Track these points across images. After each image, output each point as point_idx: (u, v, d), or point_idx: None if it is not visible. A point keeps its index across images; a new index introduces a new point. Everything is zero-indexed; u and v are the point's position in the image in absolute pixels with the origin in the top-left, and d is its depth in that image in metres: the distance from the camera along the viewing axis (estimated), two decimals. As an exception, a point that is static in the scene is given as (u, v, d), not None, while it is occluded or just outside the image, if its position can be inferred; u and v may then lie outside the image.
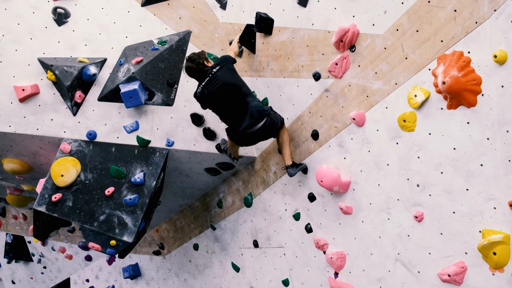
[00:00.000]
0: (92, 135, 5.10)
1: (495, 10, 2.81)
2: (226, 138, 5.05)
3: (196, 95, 4.52)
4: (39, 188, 4.93)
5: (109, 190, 4.96)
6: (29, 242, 10.66)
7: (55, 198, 4.81)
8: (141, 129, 5.17)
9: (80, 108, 5.09)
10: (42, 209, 4.82)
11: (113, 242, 4.91)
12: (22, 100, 4.97)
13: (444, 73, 3.07)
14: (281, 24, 4.52)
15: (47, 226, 5.19)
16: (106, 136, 5.14)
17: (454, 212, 3.28)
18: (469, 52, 3.00)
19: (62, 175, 4.86)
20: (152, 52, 5.08)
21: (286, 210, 5.08)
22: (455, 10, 3.03)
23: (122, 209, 4.95)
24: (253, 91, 5.16)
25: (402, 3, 3.37)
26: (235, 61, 4.48)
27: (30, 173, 6.14)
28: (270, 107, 4.51)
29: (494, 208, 3.01)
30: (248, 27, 4.89)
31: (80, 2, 5.09)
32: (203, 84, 4.40)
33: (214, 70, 4.34)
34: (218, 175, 6.00)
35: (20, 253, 10.87)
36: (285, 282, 5.26)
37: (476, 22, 2.93)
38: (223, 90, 4.31)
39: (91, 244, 4.98)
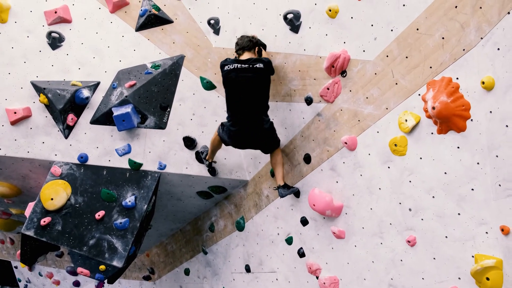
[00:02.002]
0: (83, 158, 5.06)
1: (481, 38, 2.88)
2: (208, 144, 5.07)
3: (222, 69, 4.33)
4: (28, 212, 4.85)
5: (100, 213, 4.90)
6: (16, 267, 10.40)
7: (44, 222, 4.74)
8: (133, 152, 5.16)
9: (72, 131, 5.08)
10: (31, 233, 4.73)
11: (102, 267, 4.82)
12: (13, 123, 4.95)
13: (434, 98, 3.12)
14: (273, 50, 4.59)
15: (35, 250, 5.09)
16: (98, 159, 5.11)
17: (446, 237, 3.27)
18: (457, 78, 3.06)
19: (52, 199, 4.80)
20: (146, 75, 5.12)
21: (278, 234, 5.04)
22: (443, 38, 3.11)
23: (112, 233, 4.87)
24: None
25: (392, 30, 3.45)
26: (273, 73, 4.39)
27: (19, 196, 6.06)
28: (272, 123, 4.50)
29: (486, 232, 3.02)
30: (241, 52, 4.96)
31: (74, 27, 5.15)
32: (235, 67, 4.21)
33: (257, 65, 4.17)
34: (210, 199, 5.96)
35: (5, 279, 10.59)
36: (278, 308, 5.17)
37: (464, 49, 3.00)
38: (252, 85, 4.18)
39: (79, 269, 4.88)
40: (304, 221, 4.63)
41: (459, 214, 3.17)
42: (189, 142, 5.27)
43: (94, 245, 4.82)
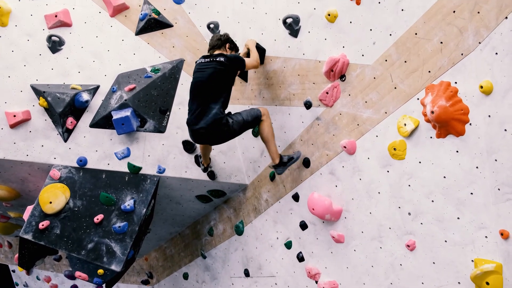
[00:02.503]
0: (82, 162, 5.06)
1: (479, 43, 2.90)
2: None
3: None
4: (26, 215, 4.84)
5: (98, 217, 4.89)
6: (13, 271, 10.35)
7: (43, 225, 4.72)
8: (132, 156, 5.16)
9: (71, 134, 5.08)
10: (29, 237, 4.72)
11: (100, 271, 4.81)
12: (13, 126, 4.95)
13: (433, 102, 3.13)
14: (272, 54, 4.61)
15: (33, 254, 5.07)
16: (97, 162, 5.11)
17: (446, 241, 3.27)
18: (456, 83, 3.07)
19: (50, 202, 4.79)
20: (145, 79, 5.13)
21: (277, 238, 5.03)
22: (441, 42, 3.12)
23: (111, 237, 4.86)
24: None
25: (390, 34, 3.47)
26: (243, 69, 4.31)
27: (17, 199, 6.04)
28: (236, 113, 4.31)
29: (486, 237, 3.02)
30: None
31: (74, 30, 5.16)
32: (200, 61, 4.26)
33: (219, 59, 4.14)
34: (209, 203, 5.95)
35: (3, 283, 10.54)
36: (277, 313, 5.15)
37: (462, 54, 3.01)
38: (207, 76, 4.11)
39: (77, 273, 4.87)
40: (303, 225, 4.62)
41: (458, 218, 3.17)
42: (189, 146, 5.27)
43: (93, 249, 4.80)
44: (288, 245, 4.87)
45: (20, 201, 6.10)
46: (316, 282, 4.48)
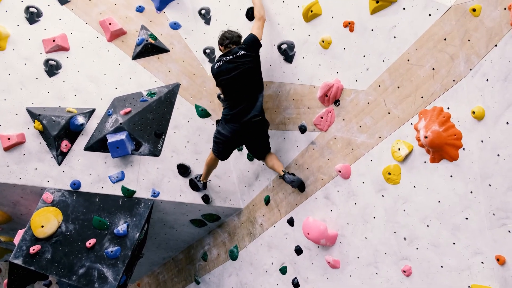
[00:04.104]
0: (76, 185, 5.02)
1: (470, 69, 2.96)
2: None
3: (212, 69, 4.37)
4: (17, 240, 4.76)
5: (91, 242, 4.82)
6: (2, 298, 10.10)
7: (33, 250, 4.64)
8: (127, 179, 5.12)
9: (65, 157, 5.06)
10: (19, 261, 4.63)
11: (91, 297, 4.69)
12: (6, 149, 4.93)
13: (426, 127, 3.16)
14: (267, 79, 4.67)
15: (23, 280, 4.96)
16: (91, 186, 5.07)
17: (442, 267, 3.24)
18: (448, 108, 3.11)
19: (42, 226, 4.72)
20: (141, 103, 5.16)
21: (272, 263, 4.96)
22: (433, 69, 3.18)
23: (103, 262, 4.77)
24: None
25: (383, 61, 3.53)
26: (261, 45, 4.29)
27: (9, 223, 5.95)
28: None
29: (482, 262, 3.00)
30: (236, 80, 5.03)
31: (72, 55, 5.21)
32: (223, 61, 4.26)
33: (240, 53, 4.20)
34: (204, 227, 5.89)
35: (-9, 310, 10.23)
36: None
37: (454, 80, 3.07)
38: (242, 75, 4.18)
39: (68, 300, 4.75)
40: (298, 250, 4.57)
41: (454, 243, 3.15)
42: (183, 170, 5.25)
43: (84, 274, 4.70)
44: (283, 270, 4.80)
45: (11, 225, 6.00)
46: (312, 309, 4.40)
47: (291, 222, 4.62)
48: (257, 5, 4.37)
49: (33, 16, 5.11)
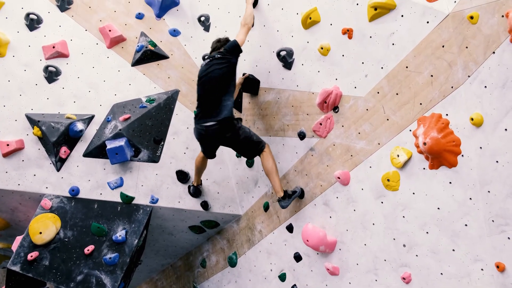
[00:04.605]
0: (75, 191, 5.01)
1: (468, 76, 2.97)
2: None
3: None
4: (15, 246, 4.74)
5: (89, 248, 4.80)
6: (-1, 305, 10.03)
7: (31, 256, 4.62)
8: (125, 186, 5.12)
9: (64, 163, 5.05)
10: (17, 268, 4.60)
11: (89, 305, 4.67)
12: (5, 155, 4.92)
13: (425, 134, 3.16)
14: (266, 85, 4.68)
15: (21, 286, 4.93)
16: (89, 192, 5.06)
17: (441, 274, 3.23)
18: (447, 115, 3.12)
19: (40, 232, 4.70)
20: (140, 109, 5.16)
21: (271, 270, 4.94)
22: (432, 75, 3.20)
23: (101, 268, 4.75)
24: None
25: (382, 67, 3.55)
26: (241, 51, 4.32)
27: (7, 230, 5.93)
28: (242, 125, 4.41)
29: (482, 269, 2.99)
30: (235, 87, 5.05)
31: (71, 61, 5.23)
32: (203, 64, 4.40)
33: (217, 56, 4.31)
34: (202, 233, 5.87)
35: (-12, 317, 10.16)
36: None
37: (452, 87, 3.08)
38: (211, 78, 4.23)
39: (65, 307, 4.72)
40: (297, 257, 4.55)
41: (453, 250, 3.15)
42: (182, 176, 5.25)
43: (82, 281, 4.68)
44: (282, 277, 4.78)
45: (9, 231, 5.98)
46: (311, 316, 4.38)
47: (290, 228, 4.61)
48: (245, 13, 4.42)
49: (33, 22, 5.13)
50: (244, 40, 4.34)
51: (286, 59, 4.37)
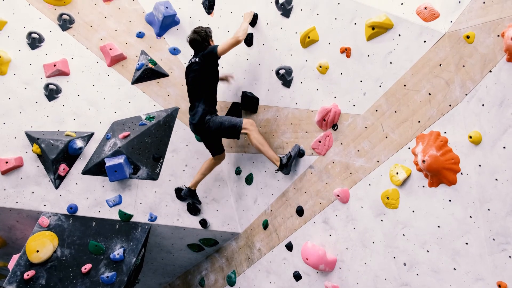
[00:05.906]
0: (73, 209, 4.98)
1: (466, 94, 2.99)
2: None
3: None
4: (11, 265, 4.68)
5: (86, 267, 4.74)
6: (-6, 325, 9.84)
7: (28, 275, 4.56)
8: (124, 203, 5.09)
9: (63, 181, 5.04)
10: (12, 287, 4.54)
11: (85, 325, 4.59)
12: (4, 172, 4.91)
13: (424, 152, 3.17)
14: (265, 103, 4.70)
15: (16, 307, 4.85)
16: (88, 210, 5.03)
17: (442, 293, 3.19)
18: (445, 133, 3.13)
19: (37, 251, 4.65)
20: (140, 127, 5.18)
21: (271, 289, 4.88)
22: (430, 94, 3.22)
23: (98, 287, 4.69)
24: (238, 167, 5.21)
25: (380, 86, 3.58)
26: (217, 57, 4.45)
27: (3, 248, 5.87)
28: (219, 115, 4.63)
29: (483, 288, 2.95)
30: (234, 105, 5.07)
31: (72, 79, 5.27)
32: (188, 64, 4.64)
33: (194, 59, 4.53)
34: (201, 252, 5.82)
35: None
36: None
37: (450, 105, 3.10)
38: (191, 80, 4.55)
39: (61, 328, 4.63)
40: (297, 276, 4.50)
41: (454, 269, 3.12)
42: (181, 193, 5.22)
43: (79, 301, 4.62)
44: (282, 297, 4.71)
45: (6, 250, 5.91)
46: (311, 337, 4.30)
47: (289, 247, 4.57)
48: (240, 27, 4.48)
49: (35, 41, 5.19)
50: (227, 50, 4.40)
51: (285, 77, 4.40)
